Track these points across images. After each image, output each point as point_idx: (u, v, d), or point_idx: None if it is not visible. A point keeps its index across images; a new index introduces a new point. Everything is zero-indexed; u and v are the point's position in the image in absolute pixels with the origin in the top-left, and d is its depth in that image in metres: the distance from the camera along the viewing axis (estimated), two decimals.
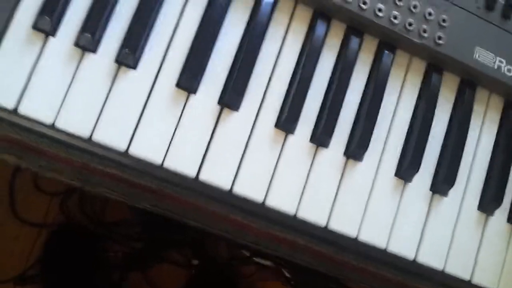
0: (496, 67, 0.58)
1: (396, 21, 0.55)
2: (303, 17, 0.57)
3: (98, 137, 0.50)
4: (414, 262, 0.56)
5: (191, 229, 0.60)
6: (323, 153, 0.55)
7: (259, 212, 0.53)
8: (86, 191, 0.61)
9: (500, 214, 0.59)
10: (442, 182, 0.57)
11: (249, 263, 1.16)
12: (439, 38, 0.56)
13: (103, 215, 1.23)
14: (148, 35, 0.52)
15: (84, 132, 0.50)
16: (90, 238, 1.21)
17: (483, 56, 0.57)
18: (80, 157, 0.52)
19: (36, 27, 0.50)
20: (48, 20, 0.50)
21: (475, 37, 0.57)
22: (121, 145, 0.51)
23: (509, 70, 0.58)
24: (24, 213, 1.19)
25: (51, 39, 0.51)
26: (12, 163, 0.59)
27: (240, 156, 0.53)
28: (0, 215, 1.18)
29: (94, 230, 1.21)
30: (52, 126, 0.50)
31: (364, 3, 0.55)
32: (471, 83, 0.59)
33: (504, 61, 0.58)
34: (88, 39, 0.51)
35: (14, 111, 0.49)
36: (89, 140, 0.50)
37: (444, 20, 0.57)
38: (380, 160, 0.56)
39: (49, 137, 0.51)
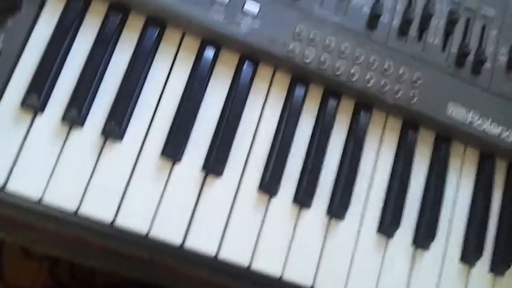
0: (468, 121, 0.60)
1: (370, 84, 0.58)
2: (282, 82, 0.59)
3: (84, 210, 0.51)
4: None
5: None
6: (306, 213, 0.57)
7: (245, 275, 0.54)
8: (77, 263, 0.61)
9: (482, 264, 0.60)
10: (424, 236, 0.58)
11: None
12: (413, 96, 0.59)
13: (94, 277, 1.22)
14: (133, 108, 0.54)
15: (71, 206, 0.51)
16: None
17: (456, 112, 0.60)
18: (69, 230, 0.53)
19: (24, 103, 0.52)
20: (36, 97, 0.52)
21: (447, 93, 0.60)
22: (107, 217, 0.52)
23: (480, 125, 0.60)
24: (13, 279, 1.17)
25: (39, 116, 0.52)
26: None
27: (225, 221, 0.54)
28: None
29: None
30: (40, 201, 0.51)
31: (338, 68, 0.57)
32: (446, 138, 0.61)
33: (476, 115, 0.60)
34: (75, 114, 0.53)
35: (2, 188, 0.51)
36: (76, 213, 0.51)
37: (417, 79, 0.59)
38: (362, 218, 0.58)
39: (37, 212, 0.52)
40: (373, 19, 0.59)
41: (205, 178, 0.55)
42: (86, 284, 1.17)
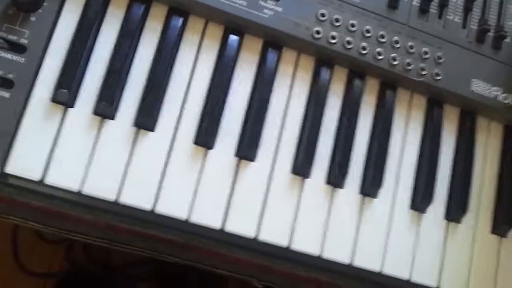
0: (492, 96, 0.61)
1: (395, 63, 0.58)
2: (306, 66, 0.59)
3: (124, 199, 0.52)
4: None
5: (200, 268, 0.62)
6: (340, 193, 0.57)
7: (284, 255, 0.55)
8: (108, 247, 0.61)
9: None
10: (455, 210, 0.59)
11: None
12: (437, 74, 0.60)
13: (110, 258, 1.23)
14: (162, 98, 0.55)
15: (110, 196, 0.52)
16: (98, 283, 1.20)
17: (480, 87, 0.61)
18: (105, 217, 0.53)
19: (55, 100, 0.52)
20: (66, 93, 0.52)
21: (470, 69, 0.61)
22: (146, 205, 0.52)
23: (505, 98, 0.61)
24: (29, 264, 1.18)
25: (70, 110, 0.52)
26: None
27: (262, 204, 0.55)
28: (5, 268, 1.17)
29: (101, 274, 1.20)
30: (79, 193, 0.51)
31: (364, 48, 0.58)
32: (470, 113, 0.62)
33: (500, 89, 0.61)
34: (107, 107, 0.53)
35: (40, 182, 0.51)
36: (116, 202, 0.52)
37: (440, 57, 0.60)
38: (394, 195, 0.59)
39: (73, 202, 0.52)
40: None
41: (238, 163, 0.55)
42: (101, 265, 1.17)
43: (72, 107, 0.53)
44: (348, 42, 0.58)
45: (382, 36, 0.59)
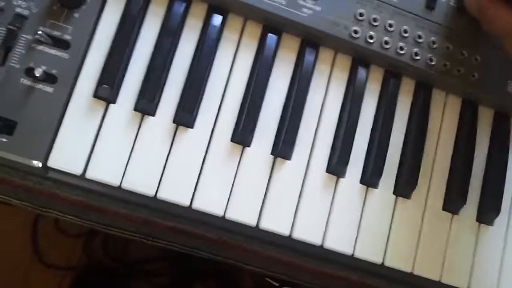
0: None
1: (432, 63, 0.59)
2: (343, 65, 0.60)
3: (163, 195, 0.53)
4: None
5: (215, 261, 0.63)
6: (373, 193, 0.58)
7: (316, 253, 0.56)
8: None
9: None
10: (487, 210, 0.59)
11: None
12: (473, 76, 0.60)
13: (127, 253, 1.24)
14: (202, 95, 0.55)
15: (149, 191, 0.52)
16: (115, 277, 1.22)
17: None
18: (142, 213, 0.54)
19: (96, 95, 0.53)
20: (107, 88, 0.53)
21: (507, 71, 0.61)
22: (184, 201, 0.53)
23: None
24: (48, 257, 1.19)
25: (112, 106, 0.53)
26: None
27: (296, 203, 0.56)
28: (24, 260, 1.19)
29: (119, 269, 1.22)
30: (119, 187, 0.52)
31: (402, 48, 0.58)
32: (506, 115, 0.62)
33: None
34: (148, 103, 0.53)
35: (82, 176, 0.52)
36: (154, 197, 0.53)
37: (476, 59, 0.60)
38: (427, 195, 0.59)
39: (113, 197, 0.53)
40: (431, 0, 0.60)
41: (274, 161, 0.56)
42: (119, 259, 1.18)
43: (114, 103, 0.53)
44: (386, 42, 0.58)
45: (420, 37, 0.59)
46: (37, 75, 0.51)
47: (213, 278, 1.24)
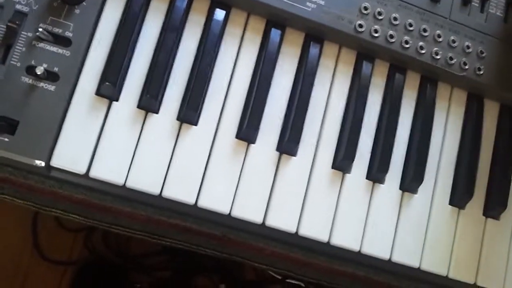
0: None
1: (437, 57, 0.58)
2: (347, 59, 0.59)
3: (167, 193, 0.52)
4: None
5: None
6: (380, 188, 0.57)
7: (323, 250, 0.55)
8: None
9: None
10: (494, 205, 0.59)
11: (275, 284, 1.17)
12: (479, 69, 0.59)
13: (128, 247, 1.24)
14: (206, 92, 0.54)
15: (154, 189, 0.52)
16: (117, 271, 1.21)
17: None
18: (146, 211, 0.53)
19: (99, 93, 0.52)
20: (110, 86, 0.52)
21: None
22: (190, 200, 0.52)
23: None
24: (48, 252, 1.19)
25: (115, 104, 0.52)
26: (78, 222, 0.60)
27: (302, 199, 0.55)
28: (25, 256, 1.19)
29: (120, 263, 1.21)
30: (123, 186, 0.52)
31: (407, 42, 0.57)
32: (511, 108, 0.62)
33: None
34: (151, 100, 0.53)
35: (86, 175, 0.51)
36: (159, 196, 0.52)
37: (481, 52, 0.59)
38: (434, 190, 0.59)
39: (116, 195, 0.53)
40: None
41: (279, 158, 0.55)
42: (120, 253, 1.18)
43: (116, 100, 0.53)
44: (391, 36, 0.57)
45: (425, 30, 0.58)
46: (39, 73, 0.50)
47: (214, 271, 1.24)
